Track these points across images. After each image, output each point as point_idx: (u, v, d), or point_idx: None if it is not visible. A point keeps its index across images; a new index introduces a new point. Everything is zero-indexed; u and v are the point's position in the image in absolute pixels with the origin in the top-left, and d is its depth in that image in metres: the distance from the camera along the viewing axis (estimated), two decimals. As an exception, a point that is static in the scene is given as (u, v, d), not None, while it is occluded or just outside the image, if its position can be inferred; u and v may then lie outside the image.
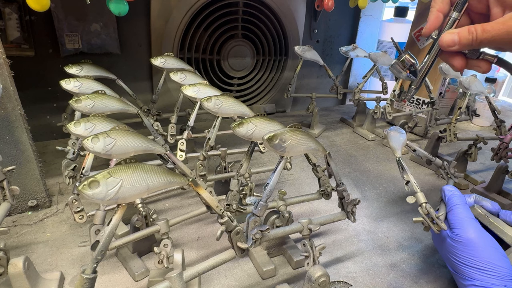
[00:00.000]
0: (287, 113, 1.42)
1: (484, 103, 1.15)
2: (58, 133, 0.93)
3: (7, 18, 0.87)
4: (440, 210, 0.56)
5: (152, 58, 0.81)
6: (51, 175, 0.81)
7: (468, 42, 0.41)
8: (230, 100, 0.63)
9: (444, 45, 0.43)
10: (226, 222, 0.44)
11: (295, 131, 0.48)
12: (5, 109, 0.61)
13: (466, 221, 0.52)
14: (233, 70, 1.25)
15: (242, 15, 1.18)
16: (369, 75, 1.09)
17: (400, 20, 1.34)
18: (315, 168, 0.60)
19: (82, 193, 0.33)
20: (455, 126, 0.89)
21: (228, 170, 0.72)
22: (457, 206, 0.55)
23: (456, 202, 0.55)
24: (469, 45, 0.42)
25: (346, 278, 0.58)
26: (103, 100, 0.59)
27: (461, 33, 0.42)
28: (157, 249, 0.52)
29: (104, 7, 0.66)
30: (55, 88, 0.87)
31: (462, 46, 0.42)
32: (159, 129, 0.78)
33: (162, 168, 0.40)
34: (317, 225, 0.53)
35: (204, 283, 0.56)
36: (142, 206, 0.56)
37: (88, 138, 0.39)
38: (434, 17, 0.46)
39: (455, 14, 0.44)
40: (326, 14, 1.38)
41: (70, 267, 0.58)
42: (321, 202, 0.78)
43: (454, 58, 0.47)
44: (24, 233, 0.65)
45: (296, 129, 0.48)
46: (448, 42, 0.43)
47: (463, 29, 0.42)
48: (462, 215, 0.53)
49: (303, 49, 1.04)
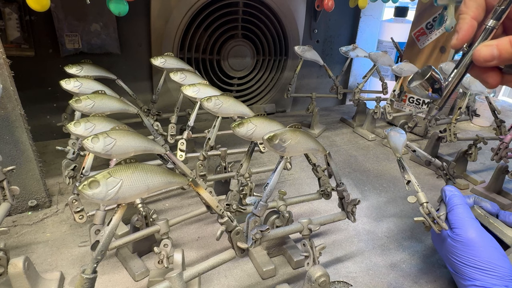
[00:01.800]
0: (287, 113, 1.42)
1: (484, 103, 1.15)
2: (58, 133, 0.93)
3: (7, 18, 0.87)
4: (440, 210, 0.56)
5: (152, 58, 0.81)
6: (51, 175, 0.81)
7: (510, 56, 0.35)
8: (230, 100, 0.63)
9: (481, 59, 0.36)
10: (226, 222, 0.44)
11: (295, 131, 0.48)
12: (5, 109, 0.61)
13: (466, 221, 0.52)
14: (233, 70, 1.25)
15: (242, 15, 1.18)
16: (369, 75, 1.09)
17: (400, 20, 1.34)
18: (315, 168, 0.60)
19: (82, 193, 0.33)
20: (455, 126, 0.89)
21: (228, 170, 0.72)
22: (457, 206, 0.55)
23: (456, 202, 0.55)
24: (510, 59, 0.35)
25: (346, 278, 0.58)
26: (103, 100, 0.59)
27: (501, 45, 0.35)
28: (157, 249, 0.52)
29: (104, 7, 0.66)
30: (55, 88, 0.87)
31: (502, 61, 0.36)
32: (159, 129, 0.78)
33: (162, 168, 0.40)
34: (317, 225, 0.53)
35: (204, 283, 0.56)
36: (142, 206, 0.56)
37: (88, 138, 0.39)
38: (468, 25, 0.37)
39: (492, 23, 0.36)
40: (326, 14, 1.38)
41: (70, 267, 0.58)
42: (321, 202, 0.78)
43: (488, 73, 0.40)
44: (24, 233, 0.65)
45: (296, 129, 0.48)
46: (486, 57, 0.36)
47: (503, 41, 0.35)
48: (462, 215, 0.53)
49: (303, 49, 1.04)
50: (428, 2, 1.03)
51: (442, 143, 0.96)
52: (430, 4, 1.00)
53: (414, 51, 1.14)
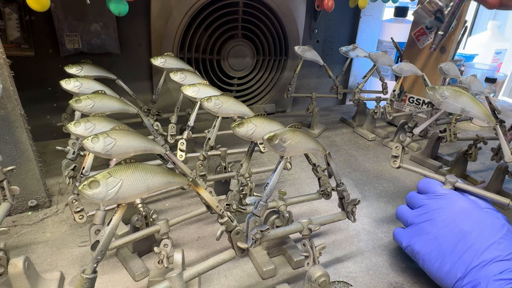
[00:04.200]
0: (287, 113, 1.42)
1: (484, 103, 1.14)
2: (58, 133, 0.93)
3: (7, 18, 0.87)
4: None
5: (152, 58, 0.81)
6: (51, 175, 0.81)
7: None
8: (230, 100, 0.63)
9: None
10: (226, 222, 0.44)
11: (295, 131, 0.48)
12: (5, 109, 0.61)
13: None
14: (233, 70, 1.25)
15: (242, 15, 1.18)
16: (369, 75, 1.09)
17: (400, 20, 1.34)
18: (315, 168, 0.60)
19: (82, 193, 0.33)
20: (455, 126, 0.89)
21: (228, 170, 0.72)
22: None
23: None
24: None
25: (346, 278, 0.58)
26: (103, 100, 0.59)
27: None
28: (157, 249, 0.52)
29: (104, 7, 0.66)
30: (55, 88, 0.87)
31: None
32: (159, 129, 0.78)
33: (162, 168, 0.40)
34: (317, 225, 0.53)
35: (204, 283, 0.56)
36: (142, 206, 0.56)
37: (88, 138, 0.39)
38: None
39: None
40: (326, 14, 1.38)
41: (70, 267, 0.58)
42: (321, 202, 0.78)
43: None
44: (24, 233, 0.65)
45: (296, 129, 0.48)
46: None
47: None
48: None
49: (303, 49, 1.04)
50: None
51: (442, 143, 0.96)
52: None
53: (414, 51, 1.14)
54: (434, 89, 0.55)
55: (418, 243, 0.53)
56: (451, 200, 0.53)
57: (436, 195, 0.55)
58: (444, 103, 0.55)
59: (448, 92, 0.55)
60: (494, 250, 0.46)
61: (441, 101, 0.55)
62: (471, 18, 1.92)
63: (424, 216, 0.54)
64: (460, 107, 0.56)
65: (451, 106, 0.56)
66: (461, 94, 0.55)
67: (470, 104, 0.55)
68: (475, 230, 0.48)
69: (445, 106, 0.56)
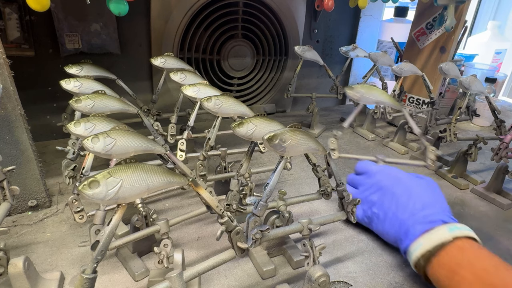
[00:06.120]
0: (287, 113, 1.42)
1: (484, 103, 1.15)
2: (58, 133, 0.93)
3: (7, 18, 0.87)
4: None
5: (152, 58, 0.81)
6: (51, 175, 0.81)
7: None
8: (230, 100, 0.63)
9: None
10: (226, 222, 0.44)
11: (295, 131, 0.48)
12: (5, 109, 0.61)
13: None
14: (233, 70, 1.25)
15: (242, 15, 1.18)
16: (369, 75, 1.09)
17: (400, 20, 1.34)
18: (315, 168, 0.60)
19: (82, 193, 0.33)
20: (455, 126, 0.89)
21: (228, 170, 0.72)
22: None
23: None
24: None
25: (346, 278, 0.58)
26: (103, 100, 0.59)
27: None
28: (157, 249, 0.52)
29: (104, 7, 0.66)
30: (55, 88, 0.87)
31: None
32: (159, 129, 0.78)
33: (162, 168, 0.39)
34: (317, 225, 0.53)
35: (204, 283, 0.56)
36: (142, 206, 0.56)
37: (88, 138, 0.39)
38: None
39: None
40: (326, 14, 1.38)
41: (70, 267, 0.58)
42: (321, 202, 0.78)
43: None
44: (24, 233, 0.65)
45: (296, 129, 0.48)
46: None
47: None
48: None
49: (303, 49, 1.04)
50: (428, 2, 1.03)
51: (442, 143, 0.96)
52: (430, 4, 1.00)
53: (414, 51, 1.14)
54: (352, 88, 0.66)
55: (369, 211, 0.65)
56: (384, 173, 0.65)
57: (372, 172, 0.67)
58: (361, 98, 0.67)
59: (363, 89, 0.67)
60: (420, 204, 0.57)
61: (358, 97, 0.66)
62: (471, 18, 1.92)
63: (368, 191, 0.65)
64: (373, 99, 0.68)
65: (366, 99, 0.67)
66: (372, 89, 0.68)
67: (380, 96, 0.69)
68: (405, 193, 0.60)
69: (362, 100, 0.67)
